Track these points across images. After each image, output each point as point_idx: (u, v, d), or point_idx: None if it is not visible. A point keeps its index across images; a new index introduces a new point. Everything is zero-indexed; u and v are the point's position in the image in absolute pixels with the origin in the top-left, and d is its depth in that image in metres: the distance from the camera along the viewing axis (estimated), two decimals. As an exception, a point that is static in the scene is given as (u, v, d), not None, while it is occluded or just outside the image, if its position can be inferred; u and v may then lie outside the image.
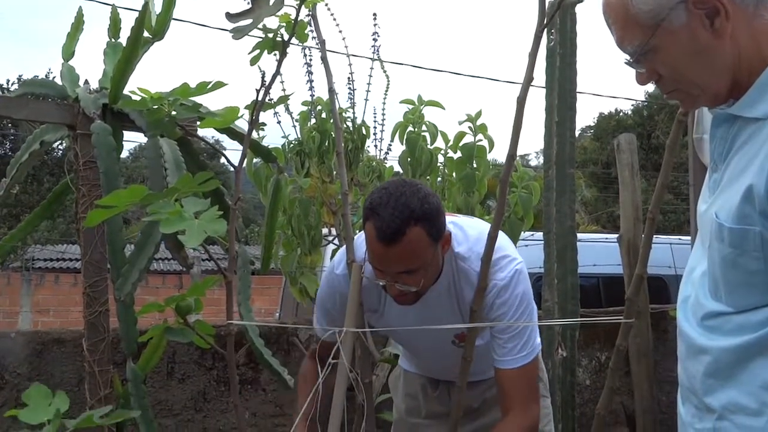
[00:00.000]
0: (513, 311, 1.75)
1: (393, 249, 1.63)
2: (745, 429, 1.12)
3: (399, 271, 1.68)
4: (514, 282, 1.75)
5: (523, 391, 1.77)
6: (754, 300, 1.11)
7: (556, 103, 2.91)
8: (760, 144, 1.08)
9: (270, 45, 1.80)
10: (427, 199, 1.66)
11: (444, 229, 1.71)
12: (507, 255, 1.78)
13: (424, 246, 1.65)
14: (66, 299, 11.90)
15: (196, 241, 1.43)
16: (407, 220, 1.61)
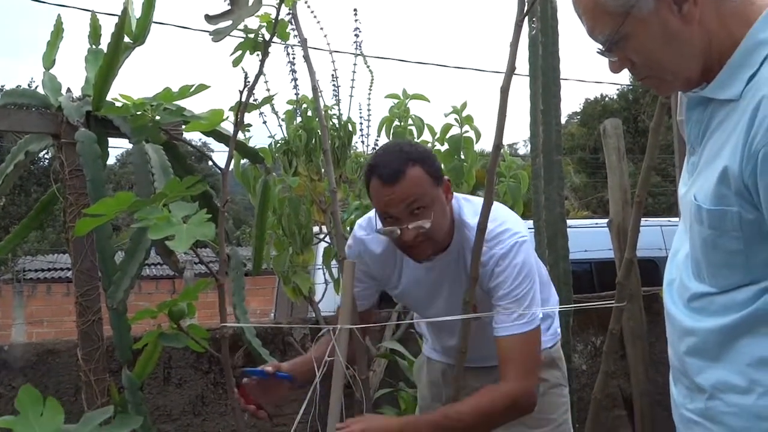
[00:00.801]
0: (511, 280, 1.77)
1: (398, 187, 1.72)
2: (735, 407, 1.13)
3: (410, 208, 1.74)
4: (514, 252, 1.78)
5: (519, 359, 1.76)
6: (736, 279, 1.12)
7: (540, 91, 2.92)
8: (733, 125, 1.09)
9: (251, 45, 1.80)
10: (419, 146, 1.85)
11: (442, 175, 1.81)
12: (509, 229, 1.82)
13: (426, 183, 1.75)
14: (59, 309, 11.83)
15: (185, 246, 1.43)
16: (405, 161, 1.73)
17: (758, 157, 1.03)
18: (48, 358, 2.63)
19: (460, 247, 1.87)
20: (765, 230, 1.07)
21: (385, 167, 1.74)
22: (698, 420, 1.20)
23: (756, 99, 1.05)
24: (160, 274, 13.80)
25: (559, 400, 2.04)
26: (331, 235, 3.00)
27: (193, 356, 2.82)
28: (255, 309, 10.59)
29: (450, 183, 1.85)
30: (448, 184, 1.83)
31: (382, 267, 1.96)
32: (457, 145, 3.12)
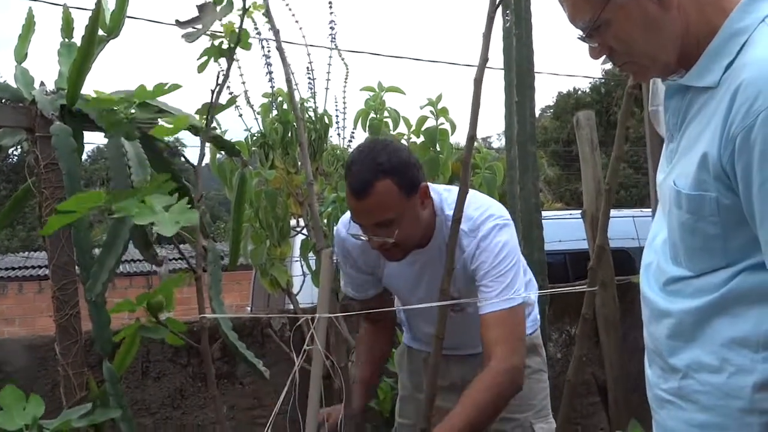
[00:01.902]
0: (492, 258, 1.79)
1: (364, 202, 1.72)
2: (708, 386, 1.16)
3: (373, 223, 1.76)
4: (495, 231, 1.81)
5: (503, 337, 1.75)
6: (713, 263, 1.16)
7: (514, 82, 2.95)
8: (711, 112, 1.12)
9: (217, 52, 1.83)
10: (396, 153, 1.76)
11: (418, 183, 1.79)
12: (491, 215, 1.85)
13: (394, 198, 1.73)
14: (31, 308, 11.69)
15: (171, 231, 1.44)
16: (375, 173, 1.71)
17: (736, 143, 1.06)
18: (24, 355, 2.61)
19: (442, 240, 1.88)
20: (742, 215, 1.10)
21: (355, 178, 1.73)
22: (671, 399, 1.23)
23: (733, 86, 1.08)
24: (134, 270, 13.69)
25: (539, 385, 2.08)
26: (308, 228, 3.01)
27: (171, 350, 2.82)
28: (231, 304, 10.55)
29: (427, 187, 1.83)
30: (424, 190, 1.82)
31: (366, 257, 1.98)
32: (433, 137, 3.14)
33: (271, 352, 2.93)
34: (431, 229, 1.89)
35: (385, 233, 1.77)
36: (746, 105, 1.05)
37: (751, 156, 1.05)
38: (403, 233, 1.77)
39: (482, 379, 1.74)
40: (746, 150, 1.05)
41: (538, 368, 2.09)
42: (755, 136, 1.04)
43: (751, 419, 1.12)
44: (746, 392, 1.12)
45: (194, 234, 1.76)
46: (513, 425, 2.01)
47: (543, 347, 2.17)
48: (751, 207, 1.07)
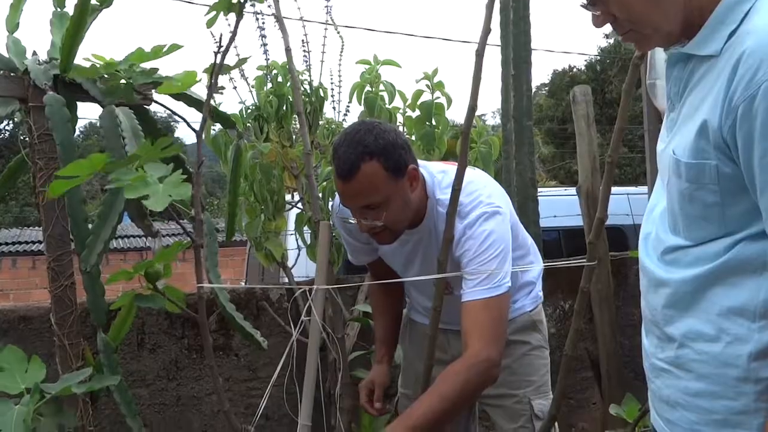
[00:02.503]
0: (476, 247, 1.75)
1: (350, 184, 1.69)
2: (704, 355, 1.17)
3: (360, 206, 1.74)
4: (481, 220, 1.77)
5: (480, 327, 1.71)
6: (711, 232, 1.16)
7: (511, 56, 2.93)
8: (713, 81, 1.12)
9: (226, 6, 1.78)
10: (383, 135, 1.71)
11: (405, 165, 1.74)
12: (481, 202, 1.80)
13: (381, 180, 1.70)
14: (25, 282, 11.69)
15: (162, 206, 1.43)
16: (361, 155, 1.67)
17: (738, 112, 1.06)
18: (20, 325, 2.61)
19: (433, 222, 1.88)
20: (741, 183, 1.10)
21: (341, 160, 1.69)
22: (668, 368, 1.24)
23: (736, 55, 1.07)
24: (128, 246, 13.69)
25: (539, 361, 2.08)
26: (303, 201, 3.00)
27: (167, 322, 2.83)
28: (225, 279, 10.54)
29: (416, 170, 1.79)
30: (413, 173, 1.78)
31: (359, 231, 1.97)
32: (429, 111, 3.12)
33: (266, 325, 2.93)
34: (422, 210, 1.86)
35: (373, 216, 1.74)
36: (749, 75, 1.05)
37: (753, 126, 1.04)
38: (391, 216, 1.75)
39: (451, 368, 1.70)
40: (748, 120, 1.05)
41: (538, 345, 2.10)
42: (757, 106, 1.03)
43: (746, 388, 1.13)
44: (742, 361, 1.12)
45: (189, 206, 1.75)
46: (512, 401, 2.03)
47: (545, 323, 2.16)
48: (752, 177, 1.07)
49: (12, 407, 1.35)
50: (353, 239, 2.04)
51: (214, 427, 2.89)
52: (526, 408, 2.01)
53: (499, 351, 1.70)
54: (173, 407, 2.83)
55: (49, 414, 1.40)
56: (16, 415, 1.32)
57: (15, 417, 1.32)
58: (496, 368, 1.70)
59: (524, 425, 2.02)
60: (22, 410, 1.34)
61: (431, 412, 1.63)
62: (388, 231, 1.79)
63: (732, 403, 1.14)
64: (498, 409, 2.05)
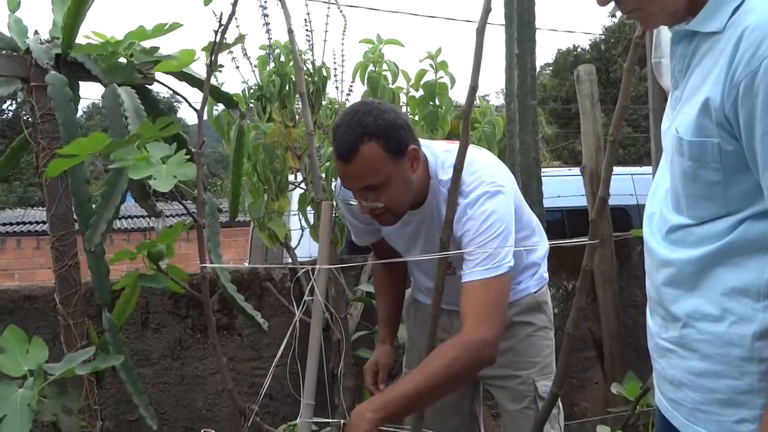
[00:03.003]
0: (476, 227, 1.73)
1: (350, 166, 1.68)
2: (708, 335, 1.17)
3: (360, 187, 1.73)
4: (482, 200, 1.75)
5: (477, 307, 1.68)
6: (714, 211, 1.15)
7: (515, 35, 2.91)
8: (716, 58, 1.11)
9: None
10: (382, 115, 1.69)
11: (406, 145, 1.73)
12: (483, 182, 1.78)
13: (380, 161, 1.68)
14: (29, 262, 11.75)
15: (167, 186, 1.42)
16: (360, 136, 1.66)
17: (739, 89, 1.05)
18: (25, 305, 2.62)
19: (435, 202, 1.87)
20: (744, 161, 1.09)
21: (340, 141, 1.68)
22: (672, 348, 1.24)
23: (738, 31, 1.06)
24: (132, 226, 13.73)
25: (543, 342, 2.07)
26: (306, 181, 3.00)
27: (171, 301, 2.83)
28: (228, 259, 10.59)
29: (417, 150, 1.77)
30: (414, 153, 1.76)
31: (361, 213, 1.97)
32: (432, 91, 3.11)
33: (270, 305, 2.94)
34: (425, 191, 1.85)
35: (373, 197, 1.73)
36: (750, 50, 1.04)
37: (755, 104, 1.04)
38: (391, 197, 1.74)
39: (442, 348, 1.66)
40: (749, 97, 1.04)
41: (542, 326, 2.09)
42: (759, 82, 1.03)
43: (750, 367, 1.12)
44: (746, 341, 1.12)
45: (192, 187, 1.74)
46: (516, 382, 2.02)
47: (550, 304, 2.16)
48: (754, 155, 1.07)
49: (16, 390, 1.34)
50: (356, 220, 2.04)
51: (218, 406, 2.91)
52: (530, 389, 2.01)
53: (495, 332, 1.66)
54: (177, 386, 2.85)
55: (53, 395, 1.40)
56: (20, 399, 1.32)
57: (19, 401, 1.32)
58: (490, 349, 1.65)
59: (528, 406, 2.02)
60: (27, 394, 1.33)
61: (414, 388, 1.60)
62: (389, 212, 1.79)
63: (736, 382, 1.14)
64: (502, 390, 2.05)
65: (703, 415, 1.19)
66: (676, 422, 1.26)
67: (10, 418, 1.29)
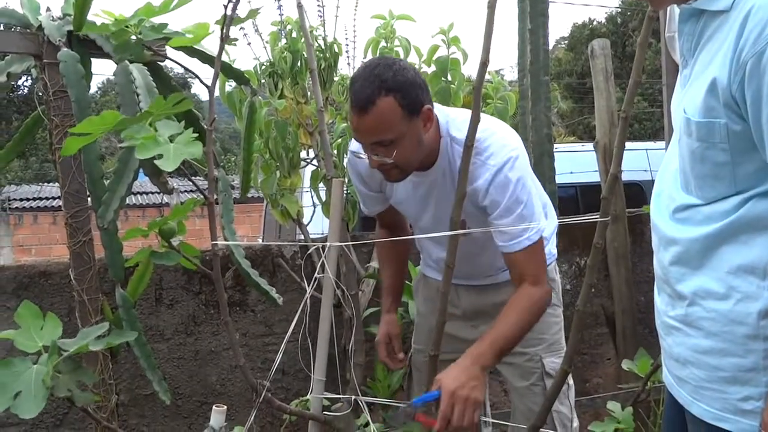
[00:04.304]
0: (508, 195, 1.76)
1: (365, 118, 1.68)
2: (714, 312, 1.17)
3: (373, 141, 1.73)
4: (508, 166, 1.76)
5: (531, 269, 1.81)
6: (722, 191, 1.15)
7: (528, 9, 2.88)
8: (723, 37, 1.10)
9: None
10: (402, 72, 1.70)
11: (421, 104, 1.73)
12: (504, 145, 1.79)
13: (396, 117, 1.69)
14: (46, 237, 11.88)
15: (173, 165, 1.43)
16: (378, 90, 1.66)
17: (746, 68, 1.04)
18: (40, 280, 2.65)
19: (447, 163, 1.86)
20: (752, 141, 1.09)
21: (357, 94, 1.69)
22: (678, 326, 1.24)
23: (745, 10, 1.06)
24: (147, 202, 13.81)
25: (551, 319, 2.08)
26: (318, 158, 3.00)
27: (185, 278, 2.86)
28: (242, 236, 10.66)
29: (431, 111, 1.78)
30: (428, 113, 1.76)
31: (372, 173, 1.96)
32: (444, 67, 3.09)
33: (282, 281, 2.96)
34: (435, 152, 1.85)
35: (384, 153, 1.74)
36: (757, 30, 1.03)
37: (761, 83, 1.03)
38: (402, 154, 1.74)
39: (517, 301, 1.80)
40: (756, 76, 1.03)
41: (551, 302, 2.10)
42: (765, 62, 1.02)
43: (755, 345, 1.13)
44: (752, 319, 1.12)
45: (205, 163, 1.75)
46: (524, 359, 2.04)
47: (558, 281, 2.16)
48: (761, 134, 1.06)
49: (30, 366, 1.36)
50: (365, 188, 2.04)
51: (232, 381, 2.94)
52: (538, 366, 2.02)
53: (546, 282, 1.86)
54: (191, 362, 2.88)
55: (67, 371, 1.42)
56: (35, 375, 1.34)
57: (34, 376, 1.34)
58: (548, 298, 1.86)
59: (536, 383, 2.03)
60: (41, 369, 1.35)
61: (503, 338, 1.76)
62: (397, 169, 1.79)
63: (741, 360, 1.14)
64: (510, 367, 2.06)
65: (707, 392, 1.20)
66: (681, 399, 1.26)
67: (26, 393, 1.32)
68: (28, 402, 1.31)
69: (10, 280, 2.62)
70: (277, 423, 2.87)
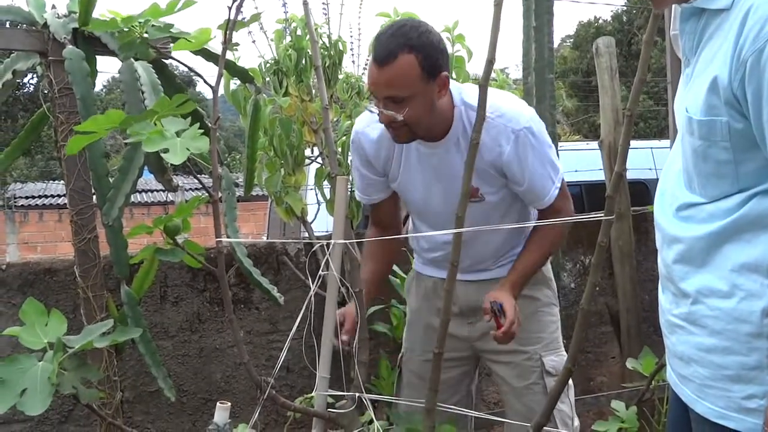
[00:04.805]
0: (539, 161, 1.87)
1: (383, 71, 1.73)
2: (717, 311, 1.17)
3: (386, 95, 1.77)
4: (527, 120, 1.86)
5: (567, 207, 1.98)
6: (725, 189, 1.15)
7: (533, 7, 2.87)
8: (724, 35, 1.10)
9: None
10: (426, 34, 1.76)
11: (440, 68, 1.78)
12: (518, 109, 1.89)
13: (414, 75, 1.74)
14: (52, 235, 11.91)
15: (180, 159, 1.43)
16: (401, 46, 1.72)
17: (746, 66, 1.04)
18: (46, 277, 2.66)
19: (462, 130, 1.89)
20: (753, 140, 1.09)
21: (381, 47, 1.74)
22: (682, 324, 1.24)
23: (744, 8, 1.06)
24: (152, 200, 13.84)
25: (548, 318, 2.09)
26: (322, 155, 3.00)
27: (189, 275, 2.86)
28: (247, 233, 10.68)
29: (447, 78, 1.82)
30: (444, 79, 1.80)
31: (377, 151, 1.99)
32: (449, 65, 3.09)
33: (286, 279, 2.96)
34: (448, 121, 1.88)
35: (396, 109, 1.77)
36: (756, 28, 1.03)
37: (762, 81, 1.03)
38: (413, 114, 1.77)
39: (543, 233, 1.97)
40: (756, 74, 1.03)
41: (548, 302, 2.11)
42: (765, 60, 1.02)
43: (759, 343, 1.13)
44: (755, 317, 1.12)
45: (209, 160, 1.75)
46: (523, 358, 2.04)
47: (553, 280, 2.17)
48: (762, 132, 1.06)
49: (36, 363, 1.37)
50: (368, 171, 2.04)
51: (237, 378, 2.95)
52: (537, 365, 2.02)
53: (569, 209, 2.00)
54: (196, 359, 2.89)
55: (72, 368, 1.43)
56: (40, 372, 1.35)
57: (39, 373, 1.35)
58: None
59: (536, 381, 2.02)
60: (47, 366, 1.36)
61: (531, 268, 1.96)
62: (406, 128, 1.82)
63: (745, 358, 1.14)
64: (508, 366, 2.06)
65: (711, 390, 1.19)
66: (685, 398, 1.26)
67: (31, 390, 1.32)
68: (33, 399, 1.32)
69: (15, 277, 2.63)
70: (282, 420, 2.88)
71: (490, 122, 1.79)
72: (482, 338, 2.08)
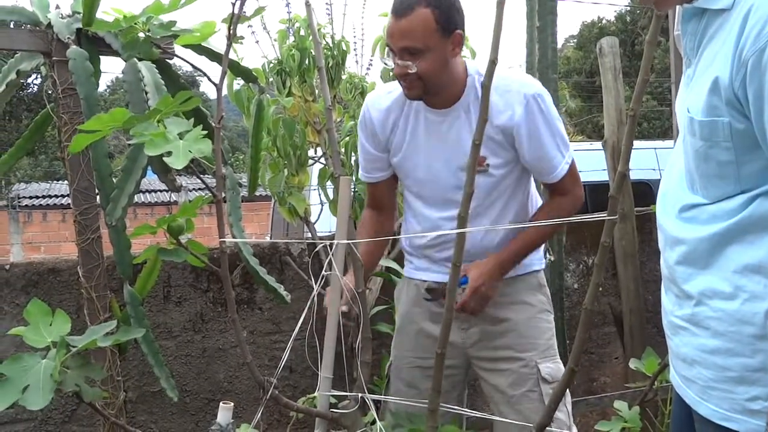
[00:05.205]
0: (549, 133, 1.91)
1: (400, 22, 1.79)
2: (721, 312, 1.17)
3: (401, 47, 1.81)
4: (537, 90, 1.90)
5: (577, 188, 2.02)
6: (727, 190, 1.15)
7: (536, 7, 2.87)
8: (725, 35, 1.10)
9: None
10: None
11: (455, 26, 1.83)
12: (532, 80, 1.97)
13: (429, 29, 1.79)
14: (56, 235, 11.94)
15: (182, 163, 1.43)
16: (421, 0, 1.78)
17: (747, 66, 1.04)
18: (49, 277, 2.66)
19: (474, 97, 1.91)
20: (755, 140, 1.08)
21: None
22: (685, 326, 1.24)
23: (745, 8, 1.06)
24: (155, 200, 13.86)
25: (544, 325, 2.07)
26: (326, 156, 3.00)
27: (192, 275, 2.87)
28: (250, 233, 10.69)
29: (462, 37, 1.86)
30: (459, 37, 1.84)
31: (385, 119, 2.01)
32: (453, 65, 3.08)
33: (290, 279, 2.97)
34: (459, 85, 1.92)
35: (410, 59, 1.82)
36: (757, 27, 1.03)
37: (763, 80, 1.03)
38: (426, 68, 1.81)
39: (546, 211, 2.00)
40: (757, 74, 1.03)
41: (543, 308, 2.09)
42: (766, 59, 1.01)
43: (762, 345, 1.12)
44: (759, 318, 1.12)
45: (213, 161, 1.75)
46: (519, 365, 2.01)
47: (547, 288, 2.16)
48: (764, 132, 1.06)
49: (39, 361, 1.37)
50: (372, 146, 2.05)
51: (240, 379, 2.95)
52: (533, 372, 1.99)
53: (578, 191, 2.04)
54: (199, 359, 2.89)
55: (75, 366, 1.43)
56: (43, 369, 1.35)
57: (42, 371, 1.35)
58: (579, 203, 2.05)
59: (532, 389, 1.99)
60: (50, 364, 1.36)
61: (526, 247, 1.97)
62: (419, 81, 1.85)
63: (748, 360, 1.14)
64: (502, 374, 2.03)
65: (715, 392, 1.19)
66: (688, 399, 1.26)
67: (33, 387, 1.33)
68: (35, 394, 1.32)
69: (19, 277, 2.63)
70: (284, 420, 2.88)
71: (502, 86, 1.85)
72: (476, 345, 2.07)
